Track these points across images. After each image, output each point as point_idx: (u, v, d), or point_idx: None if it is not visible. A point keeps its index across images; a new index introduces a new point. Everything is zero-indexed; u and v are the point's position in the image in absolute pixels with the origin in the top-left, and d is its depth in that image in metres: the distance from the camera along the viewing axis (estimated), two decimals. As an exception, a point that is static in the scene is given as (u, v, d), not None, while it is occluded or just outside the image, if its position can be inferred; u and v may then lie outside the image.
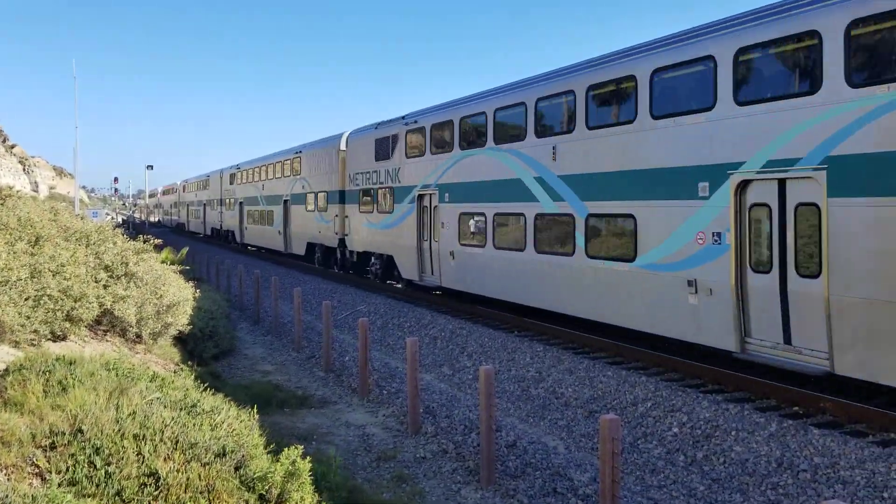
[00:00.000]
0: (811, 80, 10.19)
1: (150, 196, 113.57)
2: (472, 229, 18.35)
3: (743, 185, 11.09)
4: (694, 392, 11.06)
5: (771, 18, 10.94)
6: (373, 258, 25.21)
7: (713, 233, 11.49)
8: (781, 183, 10.55)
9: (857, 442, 8.75)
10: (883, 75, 9.30)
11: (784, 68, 10.92)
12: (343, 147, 27.43)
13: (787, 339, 10.50)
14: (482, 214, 17.84)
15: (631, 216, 13.14)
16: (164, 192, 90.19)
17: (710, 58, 11.61)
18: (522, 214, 16.19)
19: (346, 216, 26.93)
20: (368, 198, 24.68)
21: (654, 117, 12.66)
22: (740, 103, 11.18)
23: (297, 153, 33.53)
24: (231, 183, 47.82)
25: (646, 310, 12.90)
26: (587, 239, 14.25)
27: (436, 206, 20.10)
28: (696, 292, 11.78)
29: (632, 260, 13.06)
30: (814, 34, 10.11)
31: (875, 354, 9.29)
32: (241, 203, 44.72)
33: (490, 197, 17.49)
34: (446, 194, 19.55)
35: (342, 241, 27.44)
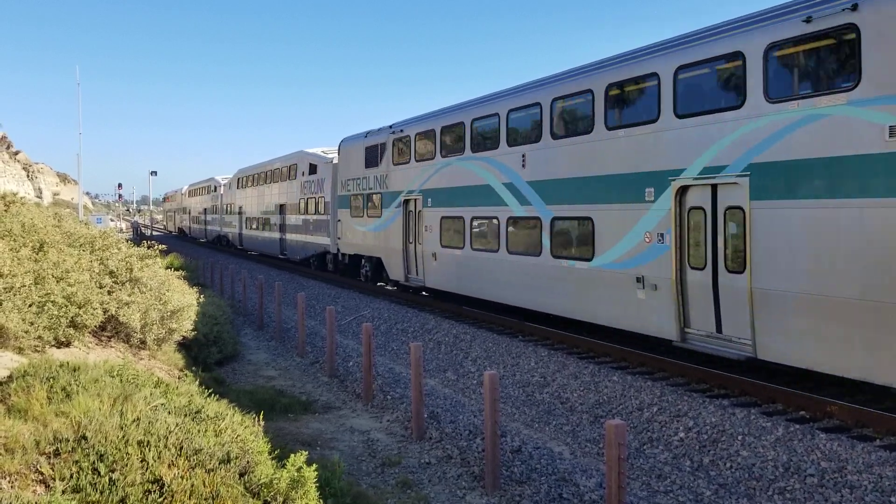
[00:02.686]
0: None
1: (194, 192, 64.26)
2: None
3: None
4: (700, 397, 11.01)
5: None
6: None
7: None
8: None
9: (865, 446, 8.70)
10: None
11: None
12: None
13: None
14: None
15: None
16: (244, 182, 45.68)
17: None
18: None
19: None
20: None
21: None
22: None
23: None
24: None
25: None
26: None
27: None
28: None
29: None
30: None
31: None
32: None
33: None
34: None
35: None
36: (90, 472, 4.97)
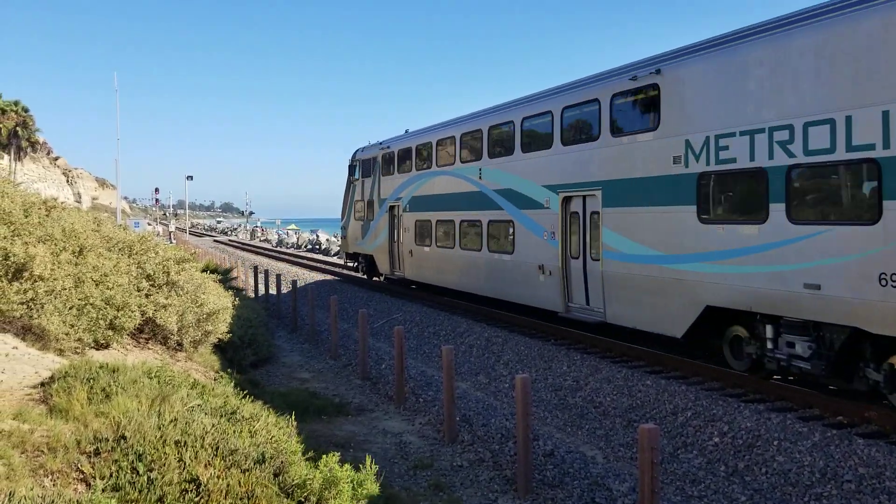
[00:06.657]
0: None
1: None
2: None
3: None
4: (735, 401, 10.89)
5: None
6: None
7: None
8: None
9: (905, 453, 8.54)
10: None
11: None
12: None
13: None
14: None
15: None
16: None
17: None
18: None
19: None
20: None
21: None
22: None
23: None
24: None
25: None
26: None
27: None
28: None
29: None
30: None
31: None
32: None
33: None
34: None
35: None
36: (129, 471, 5.07)
